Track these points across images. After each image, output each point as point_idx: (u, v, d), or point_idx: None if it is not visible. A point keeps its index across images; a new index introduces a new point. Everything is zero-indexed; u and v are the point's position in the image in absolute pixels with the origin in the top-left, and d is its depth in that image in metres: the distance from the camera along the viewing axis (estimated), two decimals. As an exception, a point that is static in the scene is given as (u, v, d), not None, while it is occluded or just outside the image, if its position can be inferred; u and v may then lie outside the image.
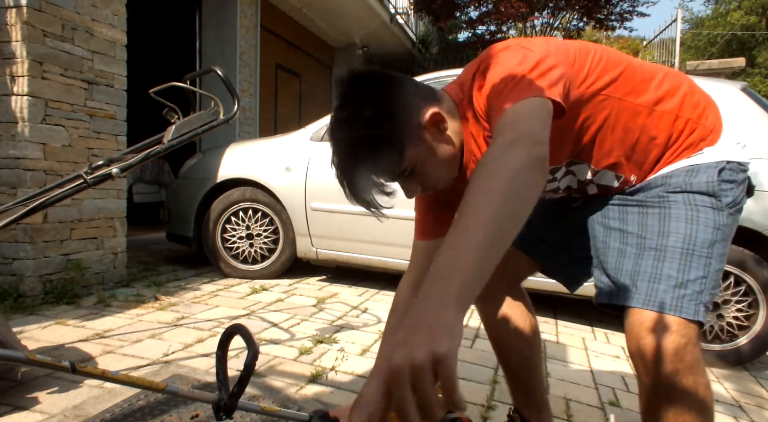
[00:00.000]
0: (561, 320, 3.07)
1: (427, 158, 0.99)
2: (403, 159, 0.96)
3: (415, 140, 0.97)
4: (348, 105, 0.96)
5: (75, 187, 1.48)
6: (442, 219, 1.18)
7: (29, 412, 1.46)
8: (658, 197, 1.06)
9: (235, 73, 6.12)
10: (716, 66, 8.81)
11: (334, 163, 0.96)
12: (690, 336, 0.95)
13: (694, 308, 0.96)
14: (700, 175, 1.04)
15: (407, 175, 1.00)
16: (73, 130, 2.75)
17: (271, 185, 3.39)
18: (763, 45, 23.66)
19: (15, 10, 2.46)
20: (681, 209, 1.03)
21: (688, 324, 0.95)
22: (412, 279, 1.23)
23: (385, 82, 0.98)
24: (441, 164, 1.02)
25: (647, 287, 0.99)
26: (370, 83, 0.98)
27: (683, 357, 0.93)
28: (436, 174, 1.03)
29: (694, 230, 1.01)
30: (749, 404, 2.11)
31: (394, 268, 3.29)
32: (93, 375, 0.93)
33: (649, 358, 0.95)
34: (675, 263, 0.99)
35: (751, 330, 2.53)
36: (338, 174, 0.96)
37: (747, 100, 2.72)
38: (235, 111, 1.68)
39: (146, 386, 0.98)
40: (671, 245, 1.00)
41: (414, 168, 0.99)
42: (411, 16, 12.24)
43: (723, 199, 1.04)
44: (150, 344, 2.09)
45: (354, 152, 0.93)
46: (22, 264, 2.54)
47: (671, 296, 0.97)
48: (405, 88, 0.99)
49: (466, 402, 1.78)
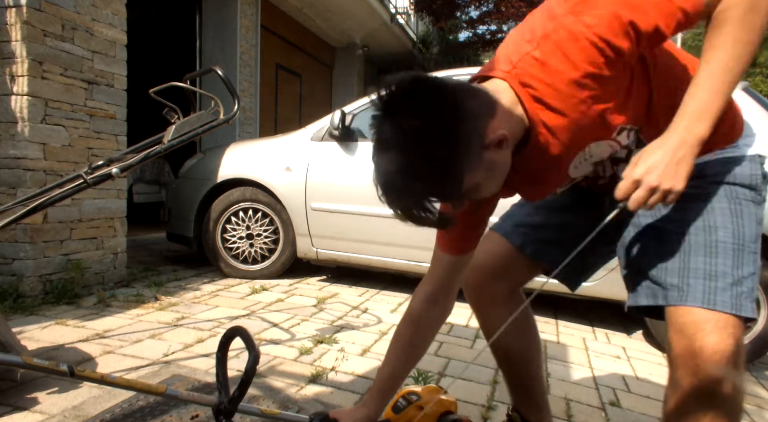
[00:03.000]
0: (561, 320, 3.07)
1: (483, 180, 0.89)
2: (461, 188, 0.85)
3: (475, 166, 0.85)
4: (403, 128, 0.81)
5: (75, 187, 1.48)
6: (468, 232, 1.13)
7: (29, 412, 1.46)
8: (696, 188, 0.98)
9: (235, 73, 6.12)
10: (716, 66, 8.79)
11: (380, 188, 0.84)
12: (741, 336, 0.93)
13: (751, 305, 0.94)
14: (743, 167, 1.00)
15: (460, 199, 0.91)
16: (73, 130, 2.75)
17: (271, 185, 3.39)
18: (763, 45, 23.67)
19: (15, 9, 2.46)
20: (723, 202, 0.99)
21: (741, 324, 0.93)
22: (430, 293, 1.19)
23: (449, 102, 0.82)
24: (495, 179, 0.92)
25: (703, 284, 0.94)
26: (431, 103, 0.81)
27: (735, 360, 0.90)
28: (488, 190, 0.93)
29: (741, 225, 0.97)
30: (749, 404, 2.11)
31: (394, 268, 3.29)
32: (91, 379, 0.92)
33: (703, 359, 0.90)
34: (729, 260, 0.95)
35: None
36: (383, 196, 0.85)
37: (747, 100, 2.71)
38: (235, 111, 1.68)
39: (145, 389, 0.97)
40: (722, 240, 0.96)
41: (468, 193, 0.88)
42: (411, 16, 12.24)
43: (762, 193, 1.01)
44: (150, 344, 2.09)
45: (406, 181, 0.81)
46: (22, 264, 2.54)
47: (730, 295, 0.93)
48: (469, 108, 0.84)
49: (466, 402, 1.78)
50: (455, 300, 1.24)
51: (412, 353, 1.22)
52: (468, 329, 2.66)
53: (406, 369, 1.23)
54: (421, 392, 1.26)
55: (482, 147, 0.85)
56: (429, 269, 1.21)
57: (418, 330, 1.21)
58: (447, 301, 1.21)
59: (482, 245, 1.32)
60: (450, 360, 2.19)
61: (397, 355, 1.21)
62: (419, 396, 1.24)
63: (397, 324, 1.25)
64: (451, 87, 0.84)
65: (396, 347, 1.22)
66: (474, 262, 1.30)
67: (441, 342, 2.41)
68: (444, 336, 2.53)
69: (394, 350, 1.22)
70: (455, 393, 1.75)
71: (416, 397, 1.24)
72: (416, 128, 0.80)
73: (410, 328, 1.21)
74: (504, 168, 0.92)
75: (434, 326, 1.23)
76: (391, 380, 1.21)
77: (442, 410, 1.26)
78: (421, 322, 1.20)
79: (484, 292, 1.33)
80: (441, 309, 1.21)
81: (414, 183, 0.81)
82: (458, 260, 1.16)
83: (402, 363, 1.22)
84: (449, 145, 0.81)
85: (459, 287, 1.23)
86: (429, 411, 1.23)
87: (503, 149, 0.88)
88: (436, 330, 1.24)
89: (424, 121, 0.80)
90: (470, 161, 0.84)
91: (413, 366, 1.25)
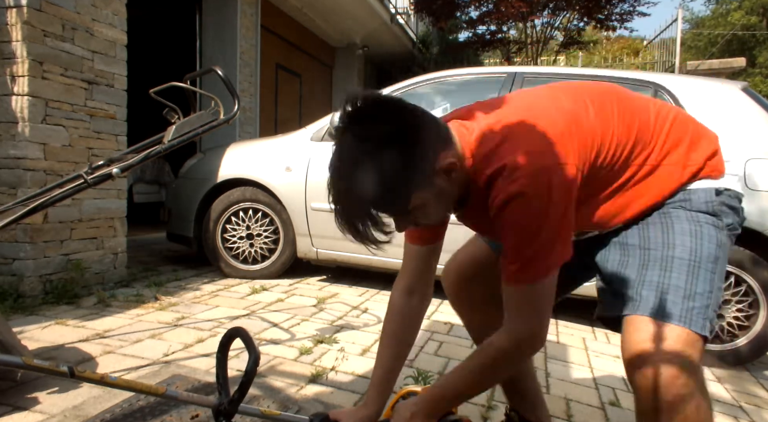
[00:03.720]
0: (561, 320, 3.07)
1: (429, 203, 0.95)
2: (408, 203, 0.92)
3: (425, 185, 0.92)
4: (361, 137, 0.89)
5: (75, 187, 1.48)
6: (434, 228, 1.18)
7: (29, 412, 1.46)
8: (658, 213, 1.05)
9: (235, 73, 6.11)
10: (717, 66, 8.80)
11: (332, 194, 0.92)
12: (696, 353, 0.93)
13: (702, 322, 0.95)
14: (698, 195, 1.03)
15: (404, 215, 0.97)
16: (74, 130, 2.75)
17: (271, 185, 3.39)
18: (763, 45, 23.64)
19: (15, 9, 2.46)
20: (684, 223, 1.02)
21: (696, 339, 0.94)
22: (407, 286, 1.24)
23: (407, 123, 0.90)
24: (443, 206, 1.00)
25: (654, 296, 0.97)
26: (390, 120, 0.90)
27: (689, 376, 0.91)
28: (433, 216, 1.01)
29: (699, 244, 0.99)
30: (749, 404, 2.11)
31: (394, 268, 3.28)
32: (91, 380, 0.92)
33: (652, 373, 0.92)
34: (683, 275, 0.97)
35: (752, 330, 2.53)
36: (335, 207, 0.92)
37: (747, 100, 2.72)
38: (235, 111, 1.68)
39: (145, 390, 0.97)
40: (678, 255, 0.99)
41: (413, 210, 0.95)
42: (411, 17, 12.24)
43: (723, 219, 1.03)
44: (150, 344, 2.09)
45: (356, 186, 0.88)
46: (22, 264, 2.54)
47: (681, 308, 0.95)
48: (424, 130, 0.92)
49: (467, 401, 1.77)
50: (433, 288, 1.27)
51: (401, 346, 1.25)
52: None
53: (398, 363, 1.25)
54: (422, 392, 1.26)
55: (432, 170, 0.92)
56: (402, 263, 1.25)
57: (402, 323, 1.24)
58: (424, 290, 1.25)
59: (464, 248, 1.36)
60: (450, 360, 2.20)
61: (387, 351, 1.24)
62: None
63: (383, 321, 1.28)
64: (412, 110, 0.93)
65: (385, 342, 1.25)
66: (454, 265, 1.36)
67: (441, 342, 2.41)
68: (444, 336, 2.53)
69: (384, 346, 1.24)
70: (455, 392, 1.75)
71: None
72: (374, 139, 0.88)
73: (394, 323, 1.24)
74: (450, 198, 0.99)
75: (416, 316, 1.26)
76: (386, 377, 1.23)
77: None
78: (403, 315, 1.24)
79: (462, 294, 1.37)
80: (419, 298, 1.24)
81: (363, 191, 0.88)
82: (427, 250, 1.21)
83: (393, 358, 1.24)
84: (401, 159, 0.88)
85: (434, 275, 1.26)
86: None
87: (452, 177, 0.95)
88: (419, 320, 1.27)
89: (384, 137, 0.88)
90: (418, 180, 0.91)
91: (404, 360, 1.27)
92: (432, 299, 1.28)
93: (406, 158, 0.88)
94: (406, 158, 0.88)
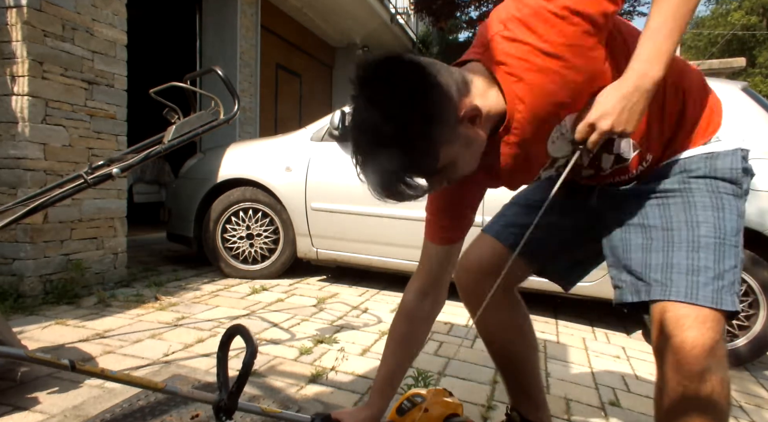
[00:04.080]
0: (561, 320, 3.07)
1: (459, 155, 0.90)
2: (438, 161, 0.87)
3: (450, 139, 0.87)
4: (375, 100, 0.84)
5: (75, 187, 1.48)
6: (457, 222, 1.15)
7: (29, 412, 1.46)
8: (678, 183, 1.02)
9: (235, 73, 6.12)
10: (717, 66, 8.80)
11: (357, 161, 0.87)
12: (721, 330, 0.93)
13: (731, 299, 0.95)
14: (724, 160, 1.02)
15: (436, 175, 0.91)
16: (74, 130, 2.75)
17: (271, 185, 3.39)
18: (763, 45, 23.66)
19: (15, 10, 2.46)
20: (705, 196, 1.00)
21: (722, 318, 0.94)
22: (421, 287, 1.21)
23: (419, 73, 0.85)
24: (472, 156, 0.93)
25: (686, 280, 0.95)
26: (402, 76, 0.85)
27: (716, 353, 0.91)
28: (465, 168, 0.94)
29: (722, 218, 0.98)
30: (749, 404, 2.11)
31: (394, 268, 3.29)
32: (92, 374, 0.93)
33: (683, 355, 0.91)
34: (711, 254, 0.96)
35: (751, 330, 2.53)
36: (362, 174, 0.88)
37: (747, 100, 2.72)
38: (235, 111, 1.68)
39: (145, 385, 0.98)
40: (704, 234, 0.97)
41: (444, 168, 0.90)
42: (411, 17, 12.24)
43: (743, 186, 1.03)
44: (150, 344, 2.09)
45: (381, 154, 0.83)
46: (22, 264, 2.54)
47: (712, 289, 0.94)
48: (441, 80, 0.86)
49: (466, 401, 1.78)
50: (447, 293, 1.24)
51: (408, 349, 1.23)
52: (468, 329, 2.67)
53: (403, 365, 1.23)
54: (426, 394, 1.26)
55: (456, 121, 0.87)
56: (419, 264, 1.22)
57: (412, 325, 1.21)
58: (438, 294, 1.22)
59: (473, 246, 1.34)
60: (450, 360, 2.20)
61: (393, 352, 1.21)
62: (424, 398, 1.24)
63: (391, 321, 1.25)
64: (424, 63, 0.88)
65: (392, 344, 1.22)
66: (466, 263, 1.33)
67: (441, 342, 2.41)
68: (444, 335, 2.53)
69: (390, 347, 1.22)
70: (455, 393, 1.75)
71: (421, 399, 1.24)
72: (392, 100, 0.83)
73: (404, 324, 1.21)
74: (479, 145, 0.93)
75: (427, 320, 1.23)
76: (390, 378, 1.20)
77: (447, 412, 1.25)
78: (414, 317, 1.21)
79: (476, 293, 1.33)
80: (432, 302, 1.22)
81: (391, 156, 0.83)
82: (447, 251, 1.17)
83: (399, 359, 1.21)
84: (424, 115, 0.83)
85: (450, 280, 1.23)
86: (434, 413, 1.22)
87: (477, 125, 0.91)
88: (430, 323, 1.24)
89: (399, 94, 0.83)
90: (445, 133, 0.86)
91: (410, 362, 1.25)
92: None
93: (426, 114, 0.83)
94: (426, 114, 0.83)
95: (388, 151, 0.83)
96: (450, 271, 1.22)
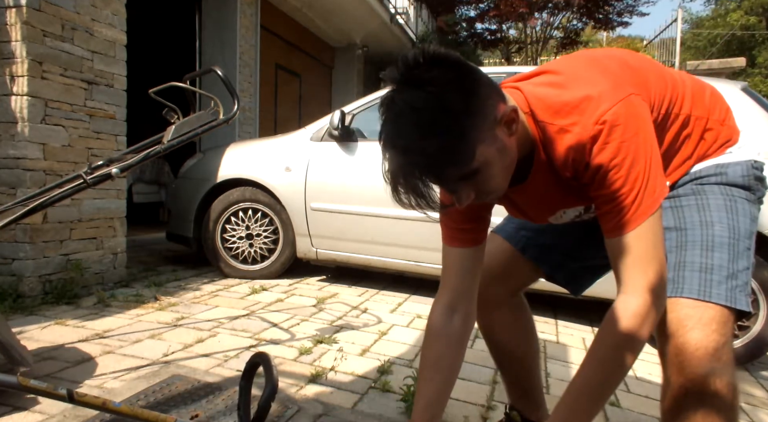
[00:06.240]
0: (561, 320, 3.07)
1: (494, 161, 0.86)
2: (473, 158, 0.82)
3: (488, 138, 0.84)
4: (421, 82, 0.80)
5: (75, 187, 1.48)
6: (475, 224, 1.09)
7: (29, 412, 1.46)
8: (691, 188, 1.04)
9: (235, 73, 6.12)
10: (716, 66, 8.82)
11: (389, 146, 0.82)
12: (728, 333, 0.93)
13: (744, 299, 0.95)
14: (734, 168, 1.03)
15: (468, 179, 0.86)
16: (73, 130, 2.75)
17: (271, 185, 3.39)
18: (763, 45, 23.66)
19: (15, 9, 2.46)
20: (719, 198, 1.01)
21: (729, 319, 0.93)
22: (448, 302, 1.10)
23: (467, 66, 0.85)
24: (504, 169, 0.90)
25: (699, 277, 0.95)
26: (451, 64, 0.83)
27: (721, 356, 0.91)
28: (497, 181, 0.89)
29: (736, 220, 0.99)
30: (749, 404, 2.11)
31: (394, 268, 3.29)
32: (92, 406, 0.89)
33: (688, 356, 0.91)
34: (725, 253, 0.96)
35: (751, 330, 2.53)
36: (391, 173, 0.82)
37: (747, 100, 2.71)
38: (235, 111, 1.68)
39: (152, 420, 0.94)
40: (718, 234, 0.98)
41: (478, 171, 0.85)
42: (411, 16, 12.24)
43: (756, 193, 1.04)
44: (150, 344, 2.09)
45: (418, 143, 0.79)
46: (21, 264, 2.54)
47: (726, 287, 0.94)
48: (484, 78, 0.86)
49: (466, 401, 1.78)
50: (476, 306, 1.13)
51: (445, 374, 1.08)
52: (468, 329, 2.66)
53: (442, 395, 1.07)
54: None
55: (495, 120, 0.85)
56: (441, 279, 1.12)
57: (446, 347, 1.08)
58: (468, 307, 1.11)
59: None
60: (450, 360, 2.19)
61: (429, 380, 1.07)
62: None
63: (420, 348, 1.14)
64: (467, 62, 0.86)
65: (425, 372, 1.08)
66: None
67: (441, 342, 2.41)
68: (444, 336, 2.52)
69: (425, 375, 1.08)
70: (455, 393, 1.75)
71: None
72: (439, 84, 0.80)
73: (436, 348, 1.08)
74: (511, 159, 0.90)
75: (461, 338, 1.10)
76: (430, 409, 1.05)
77: None
78: (445, 337, 1.08)
79: (483, 294, 1.29)
80: (463, 318, 1.10)
81: (426, 143, 0.79)
82: (470, 254, 1.08)
83: (437, 387, 1.06)
84: (468, 105, 0.81)
85: (477, 289, 1.13)
86: None
87: (512, 134, 0.88)
88: (464, 343, 1.11)
89: (446, 78, 0.81)
90: (485, 130, 0.83)
91: (449, 389, 1.09)
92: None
93: (470, 103, 0.81)
94: (470, 103, 0.81)
95: (425, 135, 0.79)
96: (478, 278, 1.12)
